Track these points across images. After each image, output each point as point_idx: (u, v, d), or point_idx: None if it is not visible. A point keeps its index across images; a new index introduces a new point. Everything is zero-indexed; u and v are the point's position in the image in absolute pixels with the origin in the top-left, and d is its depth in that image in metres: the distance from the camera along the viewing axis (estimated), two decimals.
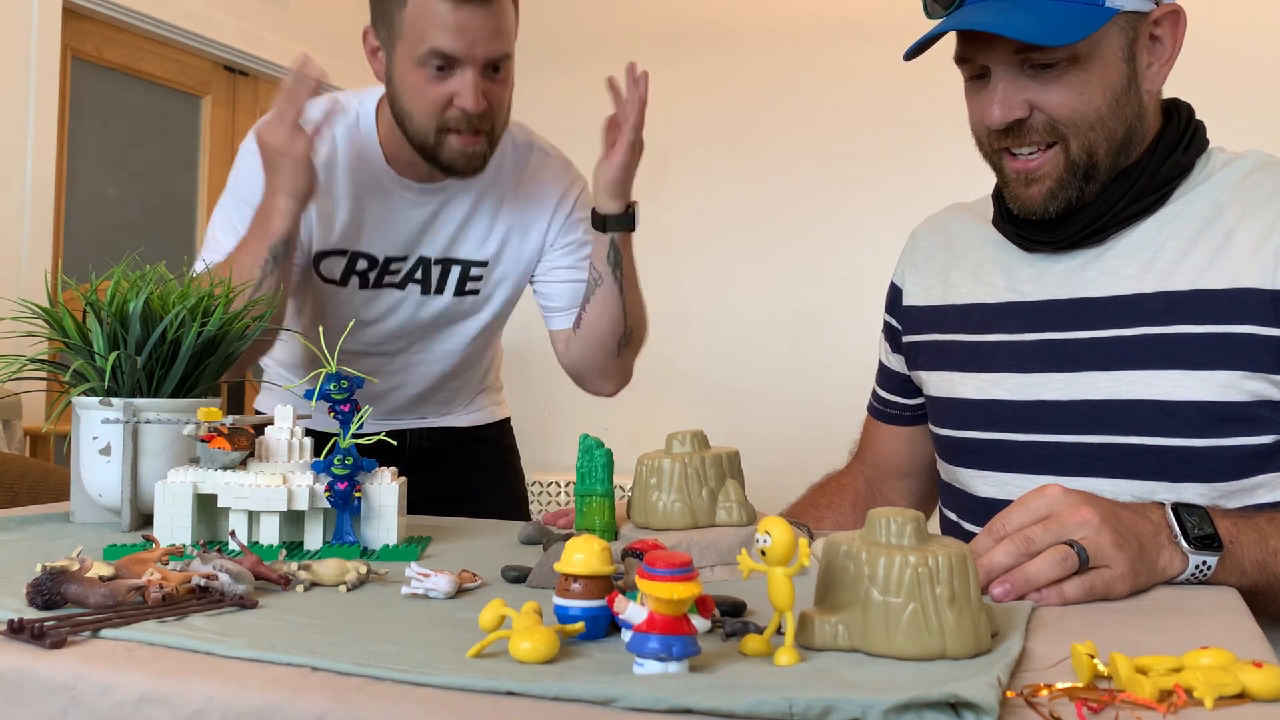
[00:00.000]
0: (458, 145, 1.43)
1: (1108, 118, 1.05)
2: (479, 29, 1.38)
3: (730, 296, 4.02)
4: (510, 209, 1.60)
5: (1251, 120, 2.65)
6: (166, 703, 0.57)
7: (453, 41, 1.37)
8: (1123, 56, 1.05)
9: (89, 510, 1.14)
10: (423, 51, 1.38)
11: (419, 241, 1.56)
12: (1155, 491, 1.03)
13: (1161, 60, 1.07)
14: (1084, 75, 1.03)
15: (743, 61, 4.05)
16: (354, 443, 0.99)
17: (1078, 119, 1.04)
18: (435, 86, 1.40)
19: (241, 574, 0.76)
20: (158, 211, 3.59)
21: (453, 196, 1.55)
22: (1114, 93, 1.05)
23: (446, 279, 1.60)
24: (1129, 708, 0.54)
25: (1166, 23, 1.07)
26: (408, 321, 1.61)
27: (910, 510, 0.67)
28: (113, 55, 3.38)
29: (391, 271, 1.57)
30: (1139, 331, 1.05)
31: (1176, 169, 1.08)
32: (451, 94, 1.40)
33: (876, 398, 1.36)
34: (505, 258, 1.61)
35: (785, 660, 0.61)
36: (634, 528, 0.94)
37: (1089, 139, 1.05)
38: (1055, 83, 1.04)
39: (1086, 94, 1.04)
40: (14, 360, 1.13)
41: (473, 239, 1.59)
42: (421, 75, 1.39)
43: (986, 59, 1.06)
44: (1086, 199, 1.07)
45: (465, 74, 1.39)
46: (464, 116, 1.41)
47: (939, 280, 1.24)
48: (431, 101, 1.40)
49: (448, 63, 1.38)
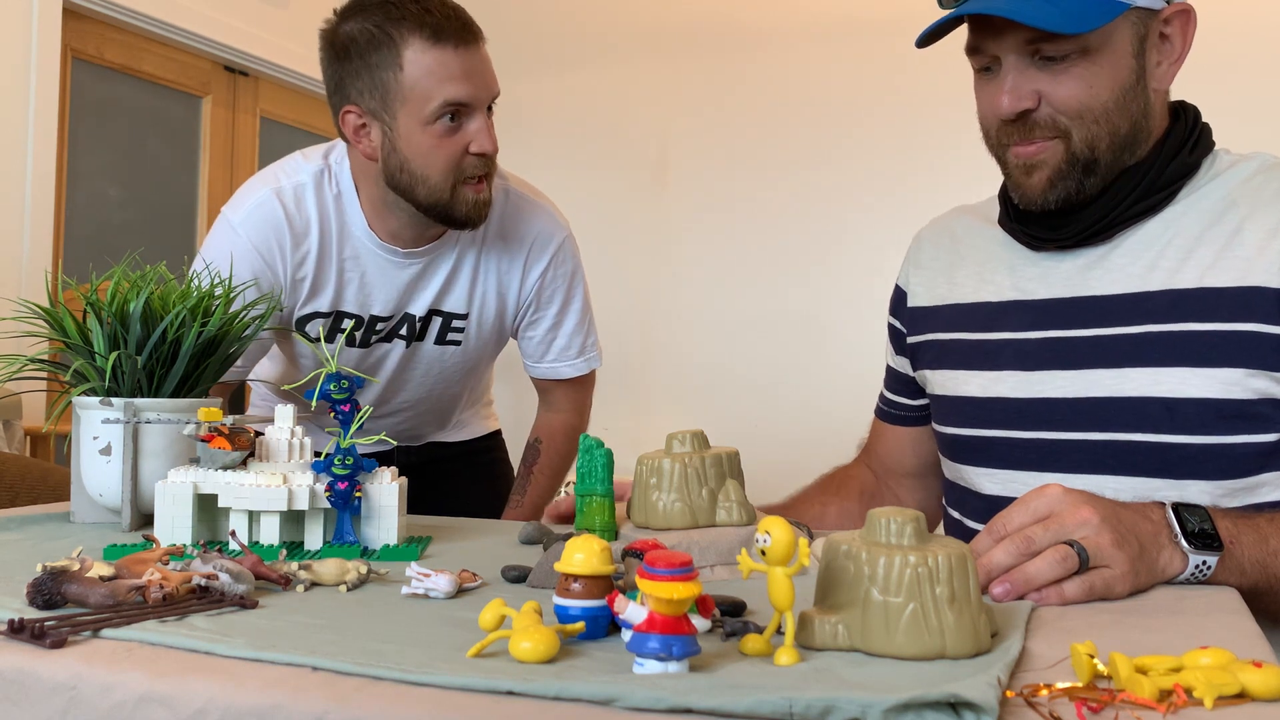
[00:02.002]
0: (471, 196, 1.41)
1: (1113, 112, 1.05)
2: (482, 69, 1.39)
3: (730, 296, 4.02)
4: (488, 261, 1.58)
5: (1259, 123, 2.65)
6: (166, 703, 0.57)
7: (465, 88, 1.36)
8: (1132, 52, 1.05)
9: (89, 510, 1.14)
10: (434, 106, 1.36)
11: (405, 302, 1.55)
12: (1160, 489, 1.03)
13: (1170, 59, 1.07)
14: (1093, 68, 1.04)
15: (743, 61, 4.05)
16: (354, 443, 0.99)
17: (1084, 111, 1.04)
18: (450, 140, 1.38)
19: (242, 574, 0.76)
20: (158, 211, 3.59)
21: (437, 257, 1.54)
22: (1121, 88, 1.05)
23: (428, 328, 1.59)
24: (1129, 708, 0.54)
25: (1176, 21, 1.07)
26: (394, 369, 1.61)
27: (910, 510, 0.67)
28: (113, 55, 3.38)
29: (377, 331, 1.56)
30: (1144, 329, 1.05)
31: (1183, 168, 1.08)
32: (466, 144, 1.38)
33: (883, 399, 1.37)
34: (485, 311, 1.60)
35: (785, 660, 0.61)
36: (634, 528, 0.94)
37: (1092, 132, 1.05)
38: (1064, 74, 1.04)
39: (1095, 87, 1.04)
40: (14, 360, 1.13)
41: (456, 294, 1.58)
42: (434, 132, 1.37)
43: (998, 48, 1.06)
44: (1087, 192, 1.07)
45: (477, 118, 1.38)
46: (479, 162, 1.40)
47: (943, 280, 1.24)
48: (448, 157, 1.39)
49: (459, 111, 1.37)
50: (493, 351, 1.70)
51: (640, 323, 4.05)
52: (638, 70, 4.20)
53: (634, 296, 4.06)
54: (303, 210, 1.47)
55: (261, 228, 1.46)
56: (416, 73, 1.36)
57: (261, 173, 1.54)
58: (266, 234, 1.46)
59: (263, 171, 1.54)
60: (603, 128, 4.22)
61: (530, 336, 1.66)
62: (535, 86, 4.35)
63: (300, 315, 1.52)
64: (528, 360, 1.69)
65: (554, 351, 1.67)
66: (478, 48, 1.39)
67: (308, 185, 1.48)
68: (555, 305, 1.64)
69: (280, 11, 3.86)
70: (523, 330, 1.66)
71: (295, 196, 1.47)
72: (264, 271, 1.47)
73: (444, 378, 1.65)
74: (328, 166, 1.50)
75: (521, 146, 2.78)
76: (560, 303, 1.64)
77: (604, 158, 4.18)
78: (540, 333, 1.65)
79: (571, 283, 1.65)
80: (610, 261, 3.81)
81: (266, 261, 1.46)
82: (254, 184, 1.52)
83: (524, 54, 4.32)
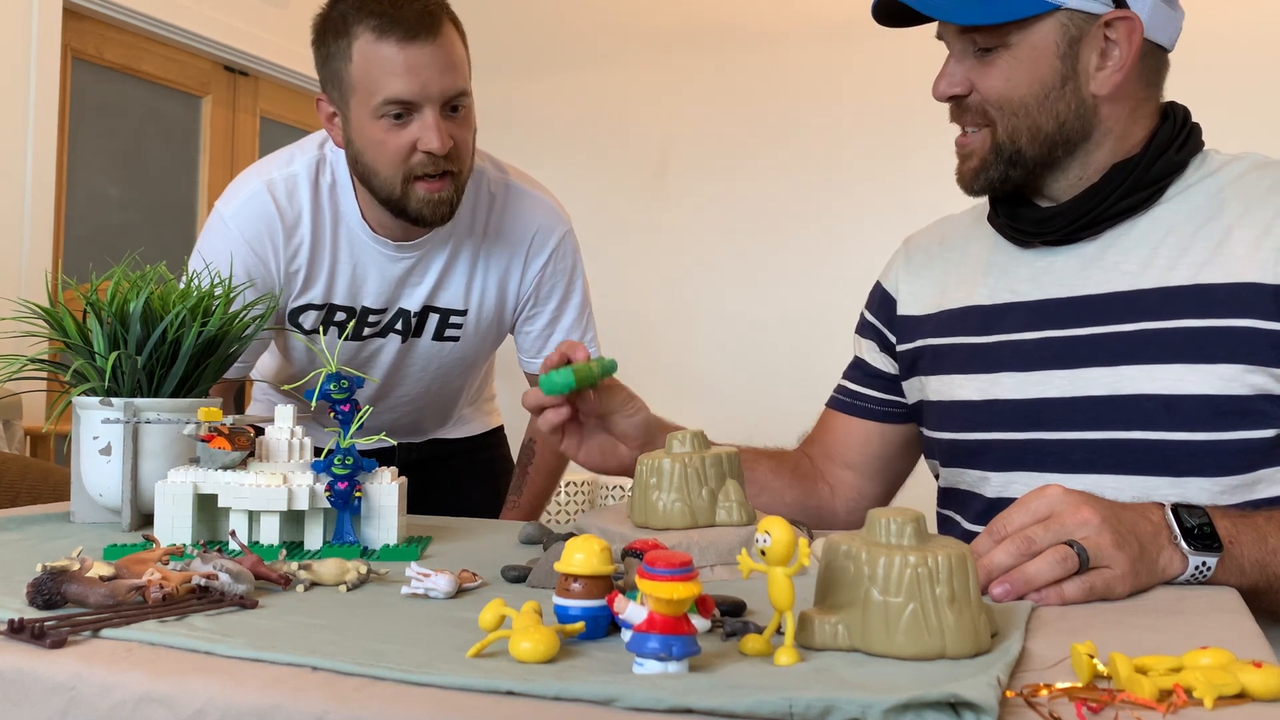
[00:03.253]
0: (423, 193, 1.37)
1: (1033, 109, 1.08)
2: (429, 66, 1.32)
3: (730, 297, 4.02)
4: (487, 256, 1.56)
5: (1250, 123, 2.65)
6: (166, 703, 0.57)
7: (406, 85, 1.32)
8: (1057, 52, 1.06)
9: (89, 510, 1.14)
10: (377, 102, 1.33)
11: (398, 296, 1.54)
12: (1160, 487, 1.03)
13: (1115, 66, 1.07)
14: (1013, 63, 1.07)
15: (742, 62, 4.05)
16: (354, 443, 0.99)
17: (1002, 103, 1.08)
18: (396, 136, 1.34)
19: (241, 574, 0.76)
20: (158, 211, 3.59)
21: (430, 251, 1.52)
22: (1043, 86, 1.07)
23: (425, 325, 1.57)
24: (1129, 708, 0.54)
25: (1120, 28, 1.06)
26: (390, 365, 1.60)
27: (910, 510, 0.67)
28: (113, 55, 3.38)
29: (370, 323, 1.54)
30: (1139, 326, 1.06)
31: (1170, 166, 1.09)
32: (413, 140, 1.34)
33: (843, 391, 1.34)
34: (485, 306, 1.59)
35: (785, 660, 0.61)
36: (634, 528, 0.94)
37: (1012, 124, 1.09)
38: (990, 65, 1.08)
39: (1012, 80, 1.07)
40: (14, 360, 1.13)
41: (452, 290, 1.56)
42: (379, 127, 1.34)
43: (945, 35, 1.12)
44: (1013, 182, 1.11)
45: (425, 116, 1.34)
46: (429, 160, 1.35)
47: (935, 287, 1.24)
48: (394, 151, 1.35)
49: (405, 109, 1.33)
50: (492, 346, 1.70)
51: (640, 323, 4.05)
52: (638, 71, 4.20)
53: (634, 296, 4.06)
54: (295, 202, 1.46)
55: (253, 221, 1.45)
56: (362, 66, 1.33)
57: (254, 165, 1.53)
58: (258, 227, 1.45)
59: (256, 164, 1.53)
60: (603, 128, 4.22)
61: (528, 331, 1.65)
62: (535, 87, 4.35)
63: (294, 307, 1.51)
64: (524, 356, 1.68)
65: (551, 346, 1.65)
66: (430, 42, 1.32)
67: (301, 176, 1.47)
68: (554, 300, 1.63)
69: (280, 11, 3.86)
70: (520, 325, 1.65)
71: (287, 188, 1.46)
72: (256, 265, 1.46)
73: (443, 373, 1.64)
74: (323, 156, 1.49)
75: (521, 147, 2.78)
76: (559, 297, 1.63)
77: (604, 158, 4.18)
78: (538, 327, 1.64)
79: (571, 277, 1.64)
80: (610, 261, 3.80)
81: (259, 255, 1.45)
82: (246, 176, 1.50)
83: (524, 54, 4.33)
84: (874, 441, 1.31)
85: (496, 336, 1.67)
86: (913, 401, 1.26)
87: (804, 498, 1.29)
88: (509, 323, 1.65)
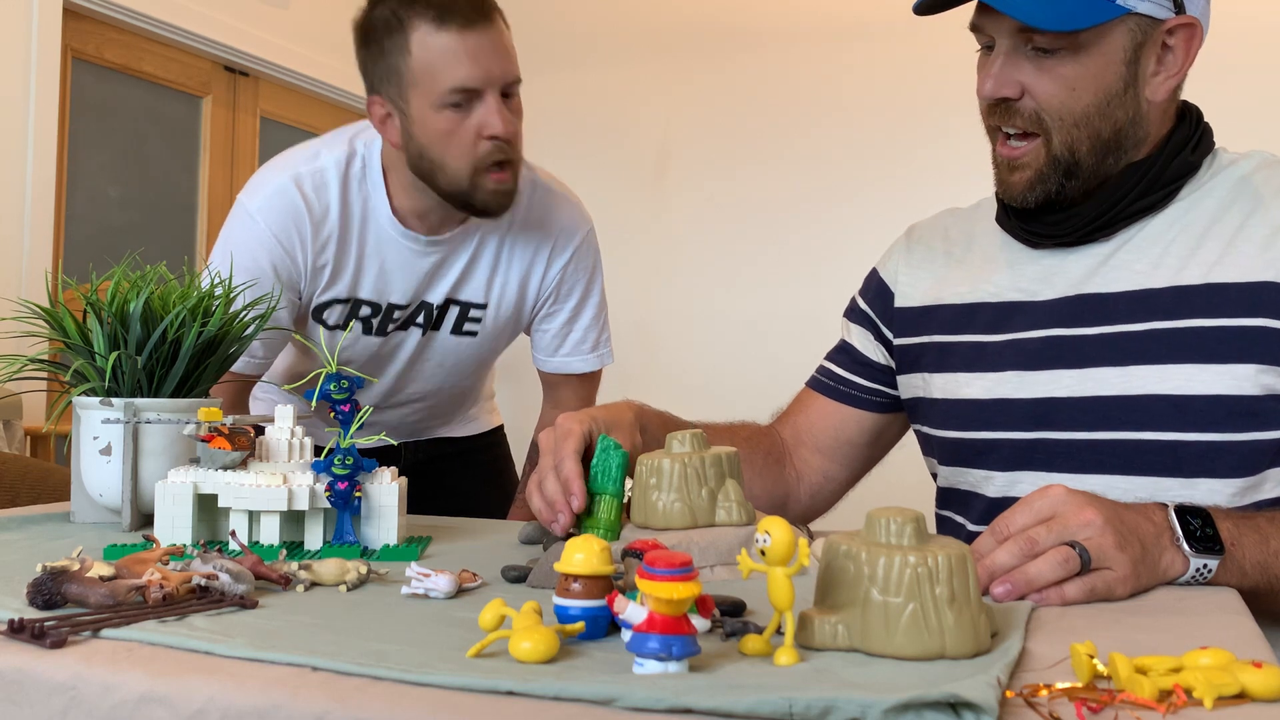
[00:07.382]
0: (492, 185, 1.40)
1: (1094, 117, 1.04)
2: (490, 51, 1.36)
3: (730, 296, 4.01)
4: (510, 251, 1.57)
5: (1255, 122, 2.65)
6: (166, 703, 0.57)
7: (470, 71, 1.34)
8: (1124, 59, 1.04)
9: (89, 510, 1.14)
10: (442, 91, 1.34)
11: (424, 290, 1.54)
12: (1169, 488, 1.02)
13: (1170, 72, 1.06)
14: (1079, 69, 1.03)
15: (743, 62, 4.05)
16: (354, 443, 0.99)
17: (1063, 113, 1.04)
18: (462, 124, 1.36)
19: (242, 574, 0.76)
20: (158, 211, 3.58)
21: (457, 245, 1.53)
22: (1106, 93, 1.04)
23: (445, 317, 1.58)
24: (1128, 708, 0.54)
25: (1180, 34, 1.04)
26: (408, 359, 1.60)
27: (910, 510, 0.67)
28: (113, 55, 3.38)
29: (394, 319, 1.55)
30: (1150, 326, 1.05)
31: (1184, 167, 1.08)
32: (479, 127, 1.36)
33: (826, 373, 1.34)
34: (504, 301, 1.59)
35: (785, 660, 0.61)
36: (634, 528, 0.94)
37: (1072, 136, 1.04)
38: (1050, 71, 1.03)
39: (1078, 89, 1.03)
40: (14, 360, 1.13)
41: (474, 283, 1.57)
42: (445, 118, 1.36)
43: (994, 30, 1.05)
44: (1068, 195, 1.07)
45: (487, 101, 1.36)
46: (496, 147, 1.37)
47: (937, 280, 1.23)
48: (462, 141, 1.37)
49: (466, 97, 1.35)
50: (505, 343, 1.70)
51: (640, 322, 4.04)
52: (639, 70, 4.20)
53: (634, 296, 4.06)
54: (323, 197, 1.46)
55: (281, 216, 1.45)
56: (424, 57, 1.34)
57: (278, 159, 1.52)
58: (286, 222, 1.45)
59: (279, 157, 1.52)
60: (603, 127, 4.22)
61: (545, 330, 1.65)
62: (535, 86, 4.32)
63: (319, 302, 1.51)
64: (539, 354, 1.68)
65: (568, 345, 1.66)
66: (487, 28, 1.36)
67: (330, 171, 1.47)
68: (574, 299, 1.63)
69: (280, 11, 3.86)
70: (538, 323, 1.65)
71: (315, 184, 1.46)
72: (283, 260, 1.46)
73: (458, 369, 1.65)
74: (353, 150, 1.49)
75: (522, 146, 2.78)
76: (579, 296, 1.63)
77: (604, 157, 4.17)
78: (556, 326, 1.64)
79: (591, 277, 1.65)
80: (610, 261, 3.77)
81: (286, 249, 1.45)
82: (271, 171, 1.49)
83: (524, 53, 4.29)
84: (849, 428, 1.30)
85: (512, 333, 1.67)
86: (908, 397, 1.25)
87: (772, 487, 1.27)
88: (526, 319, 1.65)
